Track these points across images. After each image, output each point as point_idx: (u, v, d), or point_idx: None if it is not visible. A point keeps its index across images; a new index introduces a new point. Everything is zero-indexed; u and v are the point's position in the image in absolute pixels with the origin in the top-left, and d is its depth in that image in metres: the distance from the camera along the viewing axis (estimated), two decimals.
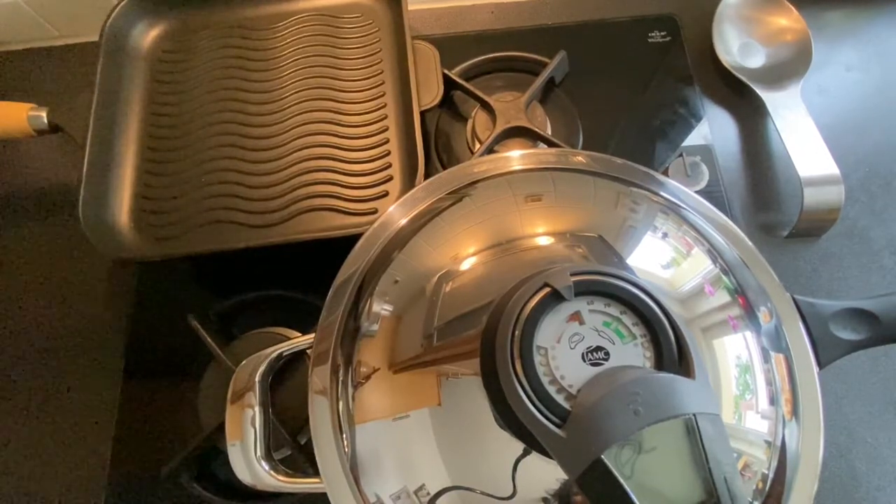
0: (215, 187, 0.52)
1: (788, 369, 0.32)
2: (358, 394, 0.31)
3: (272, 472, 0.34)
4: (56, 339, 0.52)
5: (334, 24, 0.59)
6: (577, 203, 0.37)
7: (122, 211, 0.51)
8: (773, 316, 0.33)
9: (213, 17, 0.59)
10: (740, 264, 0.35)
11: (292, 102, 0.55)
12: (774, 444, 0.29)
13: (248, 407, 0.35)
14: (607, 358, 0.27)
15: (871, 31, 0.64)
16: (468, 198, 0.36)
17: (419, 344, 0.30)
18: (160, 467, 0.46)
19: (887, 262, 0.54)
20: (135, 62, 0.57)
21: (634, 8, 0.65)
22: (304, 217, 0.51)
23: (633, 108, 0.60)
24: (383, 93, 0.56)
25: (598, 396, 0.24)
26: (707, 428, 0.24)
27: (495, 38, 0.63)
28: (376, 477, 0.30)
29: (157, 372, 0.51)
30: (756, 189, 0.56)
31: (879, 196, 0.56)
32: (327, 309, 0.34)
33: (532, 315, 0.26)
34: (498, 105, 0.56)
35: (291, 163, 0.52)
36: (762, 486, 0.29)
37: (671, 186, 0.38)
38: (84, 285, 0.54)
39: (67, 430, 0.49)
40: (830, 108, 0.60)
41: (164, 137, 0.54)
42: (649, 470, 0.23)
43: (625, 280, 0.27)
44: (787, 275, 0.53)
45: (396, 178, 0.52)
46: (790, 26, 0.61)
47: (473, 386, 0.27)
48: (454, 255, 0.33)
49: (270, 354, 0.36)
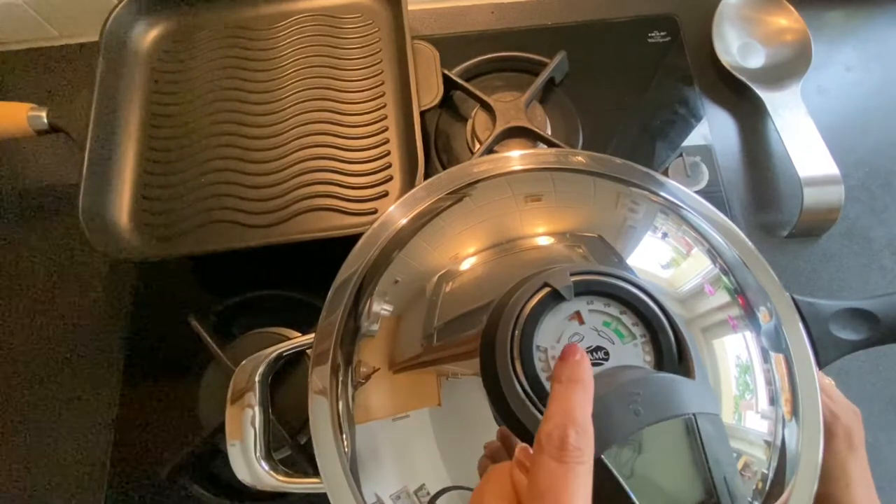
0: (215, 187, 0.52)
1: (788, 369, 0.32)
2: (358, 394, 0.31)
3: (272, 472, 0.34)
4: (56, 339, 0.52)
5: (334, 24, 0.59)
6: (577, 203, 0.37)
7: (122, 211, 0.51)
8: (773, 316, 0.33)
9: (213, 18, 0.59)
10: (740, 264, 0.35)
11: (292, 102, 0.55)
12: (774, 444, 0.29)
13: (248, 407, 0.35)
14: (607, 358, 0.27)
15: (871, 31, 0.64)
16: (468, 198, 0.36)
17: (419, 344, 0.30)
18: (160, 467, 0.46)
19: (887, 262, 0.54)
20: (135, 62, 0.57)
21: (634, 8, 0.65)
22: (304, 217, 0.51)
23: (633, 108, 0.60)
24: (383, 93, 0.56)
25: (598, 396, 0.24)
26: (707, 428, 0.24)
27: (495, 38, 0.63)
28: (376, 477, 0.30)
29: (157, 372, 0.51)
30: (756, 189, 0.56)
31: (879, 196, 0.56)
32: (327, 309, 0.34)
33: (532, 315, 0.27)
34: (498, 105, 0.56)
35: (291, 163, 0.52)
36: (762, 486, 0.29)
37: (671, 186, 0.38)
38: (84, 285, 0.54)
39: (67, 430, 0.49)
40: (830, 108, 0.60)
41: (164, 137, 0.54)
42: (649, 470, 0.23)
43: (624, 280, 0.27)
44: (787, 275, 0.53)
45: (396, 178, 0.52)
46: (790, 26, 0.61)
47: (473, 386, 0.27)
48: (454, 255, 0.33)
49: (270, 354, 0.36)
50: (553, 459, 0.20)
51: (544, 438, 0.21)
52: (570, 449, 0.20)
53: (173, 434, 0.48)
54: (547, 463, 0.20)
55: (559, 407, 0.22)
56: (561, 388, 0.22)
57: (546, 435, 0.21)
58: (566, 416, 0.21)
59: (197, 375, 0.49)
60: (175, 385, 0.50)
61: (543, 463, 0.20)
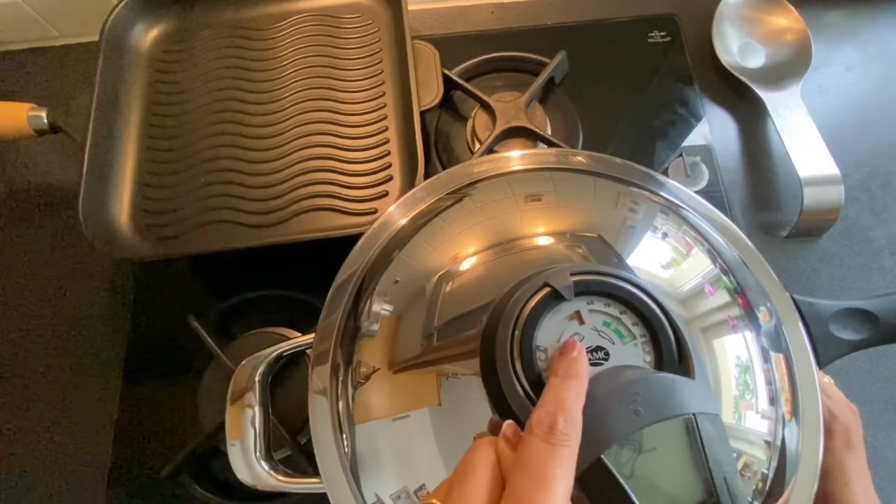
0: (215, 187, 0.52)
1: (788, 369, 0.32)
2: (358, 394, 0.31)
3: (272, 472, 0.34)
4: (56, 339, 0.52)
5: (334, 24, 0.59)
6: (577, 203, 0.37)
7: (122, 211, 0.51)
8: (773, 316, 0.33)
9: (212, 18, 0.59)
10: (740, 264, 0.35)
11: (292, 102, 0.55)
12: (774, 444, 0.29)
13: (248, 407, 0.35)
14: (607, 358, 0.27)
15: (871, 31, 0.64)
16: (468, 198, 0.36)
17: (419, 344, 0.30)
18: (160, 467, 0.46)
19: (887, 262, 0.54)
20: (135, 62, 0.57)
21: (634, 8, 0.65)
22: (304, 217, 0.51)
23: (633, 108, 0.60)
24: (383, 93, 0.56)
25: (598, 396, 0.24)
26: (707, 428, 0.24)
27: (495, 38, 0.63)
28: (376, 477, 0.30)
29: (157, 372, 0.51)
30: (756, 189, 0.56)
31: (879, 196, 0.56)
32: (327, 309, 0.34)
33: (532, 315, 0.27)
34: (498, 105, 0.56)
35: (291, 163, 0.52)
36: (762, 486, 0.29)
37: (671, 186, 0.38)
38: (84, 285, 0.54)
39: (67, 430, 0.49)
40: (830, 108, 0.60)
41: (164, 138, 0.54)
42: (649, 470, 0.23)
43: (624, 280, 0.27)
44: (787, 275, 0.53)
45: (396, 178, 0.52)
46: (790, 26, 0.61)
47: (473, 386, 0.27)
48: (454, 255, 0.33)
49: (270, 354, 0.36)
50: (541, 440, 0.22)
51: (535, 422, 0.23)
52: (557, 433, 0.22)
53: (173, 434, 0.48)
54: (535, 442, 0.22)
55: (552, 397, 0.24)
56: (556, 381, 0.24)
57: (537, 419, 0.23)
58: (558, 405, 0.23)
59: (197, 375, 0.49)
60: (175, 385, 0.50)
61: (532, 442, 0.22)
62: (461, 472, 0.23)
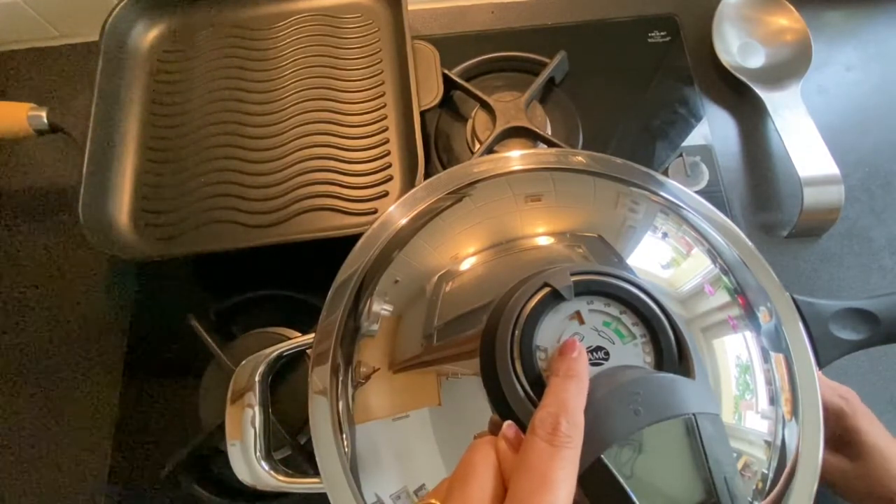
0: (215, 187, 0.52)
1: (788, 369, 0.32)
2: (358, 394, 0.31)
3: (272, 472, 0.34)
4: (56, 339, 0.52)
5: (334, 24, 0.59)
6: (577, 203, 0.37)
7: (122, 211, 0.51)
8: (773, 316, 0.33)
9: (212, 18, 0.59)
10: (740, 264, 0.35)
11: (292, 102, 0.55)
12: (774, 444, 0.29)
13: (248, 407, 0.35)
14: (607, 358, 0.27)
15: (871, 31, 0.64)
16: (468, 198, 0.36)
17: (419, 344, 0.30)
18: (160, 467, 0.46)
19: (887, 262, 0.54)
20: (135, 62, 0.57)
21: (634, 8, 0.65)
22: (304, 217, 0.51)
23: (633, 108, 0.60)
24: (383, 93, 0.56)
25: (598, 396, 0.24)
26: (707, 428, 0.24)
27: (495, 38, 0.63)
28: (376, 477, 0.30)
29: (157, 372, 0.51)
30: (756, 189, 0.56)
31: (879, 196, 0.56)
32: (327, 309, 0.34)
33: (532, 315, 0.27)
34: (498, 105, 0.56)
35: (291, 163, 0.52)
36: (762, 486, 0.29)
37: (671, 186, 0.38)
38: (84, 285, 0.54)
39: (67, 431, 0.49)
40: (830, 108, 0.60)
41: (165, 137, 0.54)
42: (649, 470, 0.23)
43: (624, 280, 0.27)
44: (787, 275, 0.53)
45: (396, 178, 0.52)
46: (790, 26, 0.61)
47: (473, 386, 0.27)
48: (454, 255, 0.33)
49: (270, 354, 0.36)
50: (543, 441, 0.22)
51: (537, 423, 0.23)
52: (560, 434, 0.22)
53: (173, 434, 0.48)
54: (538, 444, 0.22)
55: (554, 398, 0.24)
56: (557, 381, 0.24)
57: (539, 420, 0.23)
58: (560, 406, 0.23)
59: (197, 375, 0.49)
60: (175, 385, 0.50)
61: (535, 443, 0.22)
62: (461, 472, 0.23)
